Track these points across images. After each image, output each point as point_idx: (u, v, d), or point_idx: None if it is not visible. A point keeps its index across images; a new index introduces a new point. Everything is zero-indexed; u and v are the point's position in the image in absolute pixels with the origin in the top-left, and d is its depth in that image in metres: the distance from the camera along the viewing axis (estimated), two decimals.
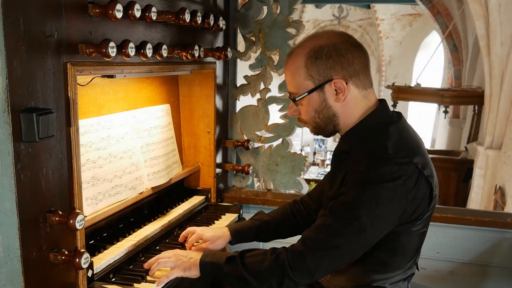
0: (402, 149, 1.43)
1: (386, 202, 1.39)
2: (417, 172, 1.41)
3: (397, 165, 1.39)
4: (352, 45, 1.48)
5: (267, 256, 1.51)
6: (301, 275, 1.46)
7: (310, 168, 15.28)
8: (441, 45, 10.49)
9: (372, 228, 1.41)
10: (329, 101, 1.50)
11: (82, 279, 1.42)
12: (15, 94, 1.14)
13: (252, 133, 2.55)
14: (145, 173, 1.97)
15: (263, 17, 2.41)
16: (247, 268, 1.51)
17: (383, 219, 1.41)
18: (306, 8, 14.32)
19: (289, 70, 1.54)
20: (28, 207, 1.21)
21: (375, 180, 1.38)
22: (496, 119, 6.74)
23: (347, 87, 1.47)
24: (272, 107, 2.54)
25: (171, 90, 2.32)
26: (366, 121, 1.51)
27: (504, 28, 6.29)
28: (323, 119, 1.53)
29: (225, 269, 1.54)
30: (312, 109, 1.52)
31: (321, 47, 1.46)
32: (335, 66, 1.45)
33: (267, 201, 2.48)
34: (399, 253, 1.52)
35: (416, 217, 1.46)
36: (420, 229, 1.52)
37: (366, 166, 1.40)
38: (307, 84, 1.49)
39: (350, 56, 1.45)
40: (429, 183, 1.45)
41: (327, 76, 1.46)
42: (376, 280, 1.53)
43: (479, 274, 2.34)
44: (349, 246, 1.43)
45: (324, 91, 1.48)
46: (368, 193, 1.39)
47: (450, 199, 8.35)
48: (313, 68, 1.46)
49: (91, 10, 1.37)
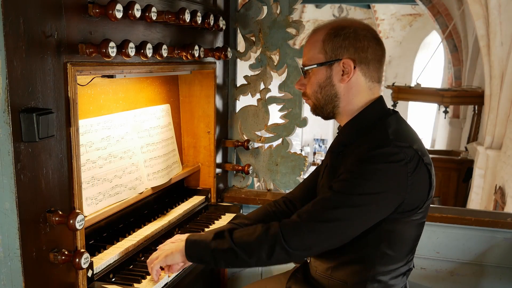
0: (402, 135, 1.46)
1: (387, 180, 1.40)
2: (417, 157, 1.43)
3: (398, 147, 1.41)
4: (372, 36, 1.52)
5: (258, 228, 1.49)
6: (296, 246, 1.44)
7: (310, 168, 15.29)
8: (441, 45, 10.49)
9: (370, 205, 1.41)
10: (333, 79, 1.53)
11: (82, 279, 1.42)
12: (15, 94, 1.14)
13: (252, 133, 2.55)
14: (145, 173, 1.97)
15: (263, 17, 2.41)
16: (236, 241, 1.49)
17: (383, 198, 1.41)
18: (306, 8, 14.32)
19: (308, 42, 1.58)
20: (28, 207, 1.21)
21: (377, 159, 1.40)
22: (496, 119, 6.74)
23: (354, 71, 1.51)
24: (272, 107, 2.54)
25: (171, 90, 2.32)
26: (365, 113, 1.54)
27: (504, 28, 6.29)
28: (324, 96, 1.56)
29: (212, 245, 1.51)
30: (317, 83, 1.55)
31: (343, 27, 1.51)
32: (349, 47, 1.49)
33: (267, 201, 2.47)
34: (400, 244, 1.52)
35: (417, 205, 1.47)
36: (420, 219, 1.53)
37: (367, 148, 1.43)
38: (319, 57, 1.53)
39: (366, 43, 1.49)
40: (428, 170, 1.46)
41: (339, 55, 1.50)
42: (377, 273, 1.52)
43: (479, 274, 2.34)
44: (346, 221, 1.42)
45: (332, 68, 1.52)
46: (370, 170, 1.40)
47: (450, 199, 8.35)
48: (329, 44, 1.51)
49: (91, 10, 1.37)
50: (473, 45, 9.02)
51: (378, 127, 1.50)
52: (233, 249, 1.48)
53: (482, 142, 7.22)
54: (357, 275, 1.53)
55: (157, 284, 1.59)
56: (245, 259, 1.48)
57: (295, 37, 2.40)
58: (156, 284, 1.59)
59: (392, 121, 1.51)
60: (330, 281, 1.59)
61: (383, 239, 1.49)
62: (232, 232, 1.53)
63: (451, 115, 10.39)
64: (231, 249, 1.48)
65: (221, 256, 1.51)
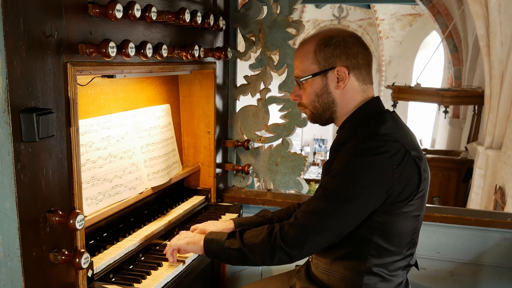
0: (391, 131, 1.50)
1: (372, 173, 1.44)
2: (403, 150, 1.47)
3: (382, 141, 1.46)
4: (359, 42, 1.61)
5: (263, 230, 1.58)
6: (292, 246, 1.50)
7: (310, 168, 15.30)
8: (441, 45, 10.50)
9: (358, 199, 1.45)
10: (330, 87, 1.59)
11: (82, 279, 1.42)
12: (15, 94, 1.14)
13: (252, 133, 2.55)
14: (145, 173, 1.98)
15: (263, 17, 2.41)
16: (244, 242, 1.58)
17: (369, 191, 1.45)
18: (306, 8, 14.32)
19: (298, 55, 1.64)
20: (28, 207, 1.21)
21: (362, 153, 1.46)
22: (496, 119, 6.74)
23: (348, 77, 1.58)
24: (272, 107, 2.54)
25: (171, 90, 2.32)
26: (359, 111, 1.61)
27: (504, 28, 6.29)
28: (321, 104, 1.62)
29: (225, 244, 1.61)
30: (314, 92, 1.61)
31: (332, 37, 1.58)
32: (341, 55, 1.56)
33: (267, 201, 2.48)
34: (394, 236, 1.54)
35: (407, 197, 1.50)
36: (413, 212, 1.54)
37: (354, 143, 1.49)
38: (313, 68, 1.60)
39: (356, 50, 1.57)
40: (416, 163, 1.49)
41: (332, 63, 1.57)
42: (374, 266, 1.54)
43: (479, 274, 2.34)
44: (337, 217, 1.47)
45: (327, 76, 1.59)
46: (355, 165, 1.46)
47: (450, 199, 8.36)
48: (321, 54, 1.57)
49: (91, 10, 1.37)
50: (473, 45, 9.02)
51: (369, 124, 1.55)
52: (242, 249, 1.58)
53: (482, 142, 7.22)
54: (354, 269, 1.57)
55: (157, 283, 1.60)
56: (253, 259, 1.58)
57: (295, 37, 2.40)
58: (156, 284, 1.59)
59: (384, 117, 1.56)
60: (330, 276, 1.62)
61: (375, 231, 1.52)
62: (242, 233, 1.62)
63: (451, 115, 10.40)
64: (240, 249, 1.58)
65: (232, 255, 1.61)
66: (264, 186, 2.62)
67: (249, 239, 1.58)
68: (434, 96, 8.63)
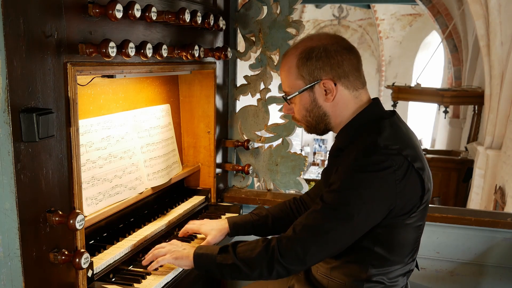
0: (392, 142, 1.44)
1: (374, 190, 1.40)
2: (406, 163, 1.42)
3: (385, 155, 1.41)
4: (342, 47, 1.52)
5: (259, 243, 1.53)
6: (291, 261, 1.47)
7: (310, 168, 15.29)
8: (441, 45, 10.50)
9: (359, 215, 1.42)
10: (319, 101, 1.55)
11: (82, 279, 1.42)
12: (15, 94, 1.14)
13: (252, 133, 2.55)
14: (145, 173, 1.98)
15: (263, 17, 2.41)
16: (239, 256, 1.53)
17: (371, 207, 1.42)
18: (306, 8, 14.32)
19: (283, 69, 1.61)
20: (28, 207, 1.21)
21: (364, 168, 1.41)
22: (496, 119, 6.74)
23: (336, 88, 1.52)
24: (272, 107, 2.53)
25: (171, 90, 2.32)
26: (358, 118, 1.55)
27: (504, 28, 6.29)
28: (314, 118, 1.59)
29: (218, 260, 1.56)
30: (303, 108, 1.58)
31: (312, 48, 1.52)
32: (324, 67, 1.50)
33: (267, 201, 2.48)
34: (396, 247, 1.52)
35: (409, 210, 1.47)
36: (415, 222, 1.52)
37: (355, 156, 1.44)
38: (299, 83, 1.55)
39: (339, 58, 1.50)
40: (419, 175, 1.45)
41: (317, 77, 1.52)
42: (374, 275, 1.53)
43: (479, 274, 2.34)
44: (337, 233, 1.44)
45: (314, 91, 1.54)
46: (357, 180, 1.42)
47: (450, 199, 8.36)
48: (304, 68, 1.52)
49: (91, 10, 1.36)
50: (473, 45, 9.02)
51: (369, 131, 1.49)
52: (236, 264, 1.53)
53: (482, 142, 7.22)
54: (354, 276, 1.55)
55: (157, 284, 1.60)
56: (248, 274, 1.53)
57: (295, 37, 2.40)
58: (156, 284, 1.59)
59: (383, 125, 1.49)
60: (330, 281, 1.62)
61: (377, 242, 1.50)
62: (235, 247, 1.57)
63: (451, 115, 10.41)
64: (234, 264, 1.53)
65: (226, 270, 1.56)
66: (264, 186, 2.62)
67: (243, 253, 1.53)
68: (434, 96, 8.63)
